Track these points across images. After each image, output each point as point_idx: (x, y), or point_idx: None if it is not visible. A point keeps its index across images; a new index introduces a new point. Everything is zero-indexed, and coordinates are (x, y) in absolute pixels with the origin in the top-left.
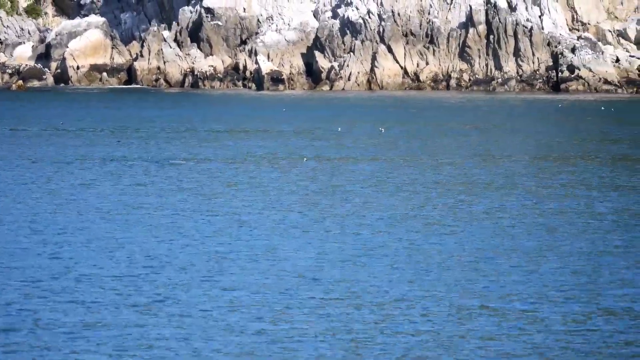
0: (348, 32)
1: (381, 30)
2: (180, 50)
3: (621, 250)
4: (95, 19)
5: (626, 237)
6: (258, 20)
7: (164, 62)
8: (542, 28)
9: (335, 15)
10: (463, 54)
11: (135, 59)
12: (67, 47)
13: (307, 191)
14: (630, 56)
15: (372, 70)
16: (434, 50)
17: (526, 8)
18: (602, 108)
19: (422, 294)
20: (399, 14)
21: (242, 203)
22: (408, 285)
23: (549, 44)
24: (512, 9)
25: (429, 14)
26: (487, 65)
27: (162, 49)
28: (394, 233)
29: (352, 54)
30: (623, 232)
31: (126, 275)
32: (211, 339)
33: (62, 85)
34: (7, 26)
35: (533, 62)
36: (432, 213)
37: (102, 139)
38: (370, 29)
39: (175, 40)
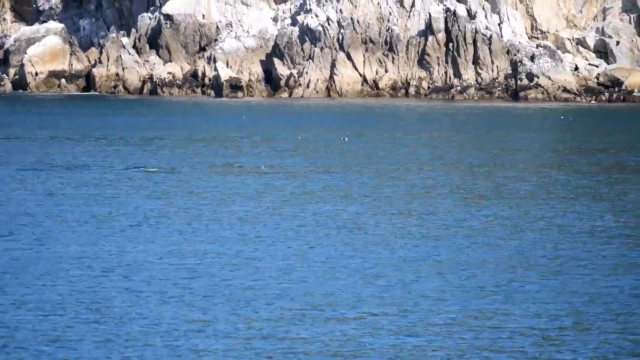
0: (307, 39)
1: (340, 37)
2: (139, 57)
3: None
4: (54, 25)
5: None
6: (217, 27)
7: (123, 69)
8: (502, 36)
9: (294, 23)
10: (422, 61)
11: (94, 66)
12: (26, 53)
13: (272, 200)
14: (589, 64)
15: (331, 77)
16: (393, 58)
17: (485, 16)
18: (562, 117)
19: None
20: (358, 22)
21: (207, 213)
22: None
23: (508, 52)
24: (472, 17)
25: (388, 21)
26: (446, 73)
27: (120, 56)
28: (355, 245)
29: (311, 61)
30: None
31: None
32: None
33: (20, 91)
34: None
35: (492, 70)
36: (398, 221)
37: (58, 146)
38: (330, 37)
39: (134, 47)
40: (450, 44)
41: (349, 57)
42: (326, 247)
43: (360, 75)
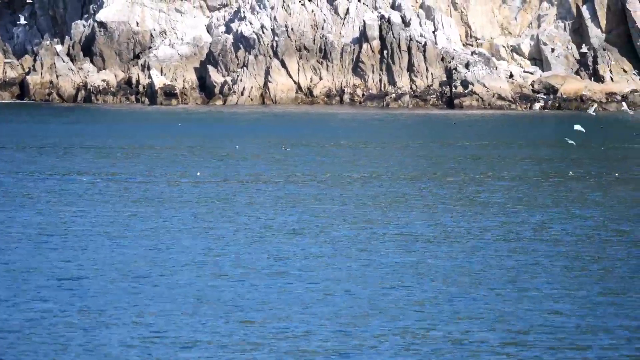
0: (241, 46)
1: (275, 45)
2: (73, 64)
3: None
4: None
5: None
6: (151, 34)
7: (57, 76)
8: (436, 43)
9: (228, 30)
10: (357, 69)
11: (28, 73)
12: None
13: (203, 208)
14: (524, 71)
15: (265, 85)
16: (327, 66)
17: (420, 23)
18: (502, 125)
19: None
20: (292, 29)
21: (138, 223)
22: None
23: (442, 59)
24: (406, 24)
25: (322, 29)
26: (380, 80)
27: (54, 63)
28: (296, 252)
29: (245, 68)
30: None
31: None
32: None
33: None
34: None
35: (427, 78)
36: (337, 228)
37: None
38: (264, 44)
39: (68, 54)
40: (385, 51)
41: (283, 65)
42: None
43: (295, 82)
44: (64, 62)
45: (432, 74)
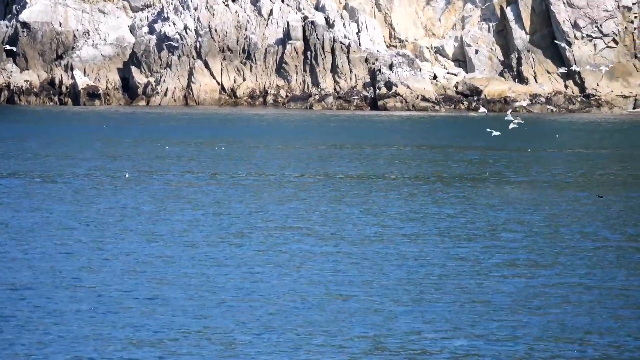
0: (165, 47)
1: (198, 45)
2: None
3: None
4: None
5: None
6: (74, 35)
7: None
8: (360, 44)
9: (152, 31)
10: (280, 70)
11: None
12: None
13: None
14: (448, 73)
15: (188, 86)
16: (251, 67)
17: (344, 24)
18: (428, 125)
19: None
20: (216, 30)
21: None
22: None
23: (366, 61)
24: (330, 25)
25: (246, 29)
26: (304, 81)
27: None
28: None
29: (168, 69)
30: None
31: None
32: None
33: None
34: None
35: (350, 79)
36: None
37: None
38: (187, 45)
39: None
40: (309, 53)
41: (206, 66)
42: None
43: (218, 83)
44: None
45: (355, 75)
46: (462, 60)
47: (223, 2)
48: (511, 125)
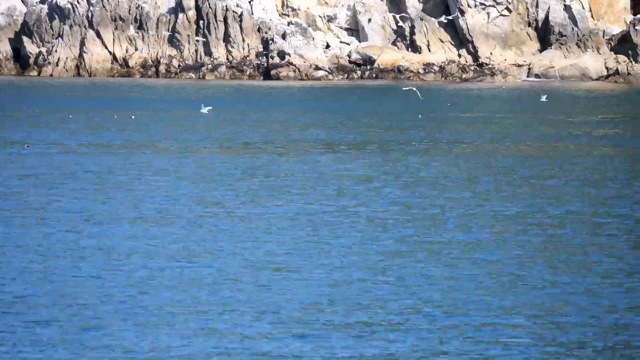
0: (56, 17)
1: (90, 15)
2: None
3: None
4: None
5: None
6: None
7: None
8: (252, 14)
9: (43, 1)
10: (173, 39)
11: None
12: None
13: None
14: (341, 42)
15: (80, 55)
16: (143, 36)
17: None
18: (319, 94)
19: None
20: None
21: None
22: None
23: (259, 30)
24: None
25: None
26: (197, 51)
27: None
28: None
29: (60, 39)
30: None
31: None
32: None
33: None
34: None
35: (243, 48)
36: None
37: None
38: (79, 14)
39: None
40: (201, 22)
41: (98, 35)
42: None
43: (110, 53)
44: None
45: (248, 44)
46: (355, 29)
47: None
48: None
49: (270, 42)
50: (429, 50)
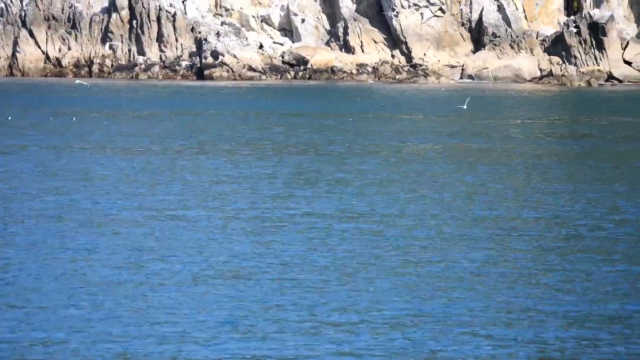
0: None
1: (23, 14)
2: None
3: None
4: None
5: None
6: None
7: None
8: (186, 14)
9: None
10: (106, 39)
11: None
12: None
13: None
14: (274, 42)
15: (13, 55)
16: (76, 36)
17: None
18: (250, 96)
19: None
20: None
21: None
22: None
23: (192, 30)
24: None
25: None
26: (130, 50)
27: None
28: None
29: None
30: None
31: None
32: None
33: None
34: None
35: (176, 48)
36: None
37: None
38: (12, 14)
39: None
40: (134, 22)
41: (31, 35)
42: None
43: (43, 53)
44: None
45: (181, 44)
46: (288, 29)
47: None
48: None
49: (204, 42)
50: (362, 51)
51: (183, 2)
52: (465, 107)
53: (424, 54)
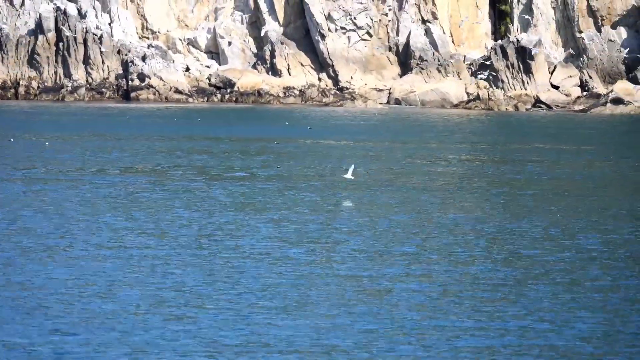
0: None
1: None
2: None
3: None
4: None
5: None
6: None
7: None
8: (112, 36)
9: None
10: (32, 61)
11: None
12: None
13: None
14: (201, 65)
15: None
16: (2, 57)
17: (96, 15)
18: (175, 119)
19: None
20: None
21: None
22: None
23: (119, 52)
24: (82, 16)
25: None
26: (56, 72)
27: None
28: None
29: None
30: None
31: None
32: None
33: None
34: None
35: (103, 70)
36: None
37: None
38: None
39: None
40: (61, 44)
41: None
42: None
43: None
44: None
45: (108, 66)
46: (215, 52)
47: None
48: None
49: (130, 64)
50: (289, 74)
51: (110, 24)
52: (351, 176)
53: (351, 77)
